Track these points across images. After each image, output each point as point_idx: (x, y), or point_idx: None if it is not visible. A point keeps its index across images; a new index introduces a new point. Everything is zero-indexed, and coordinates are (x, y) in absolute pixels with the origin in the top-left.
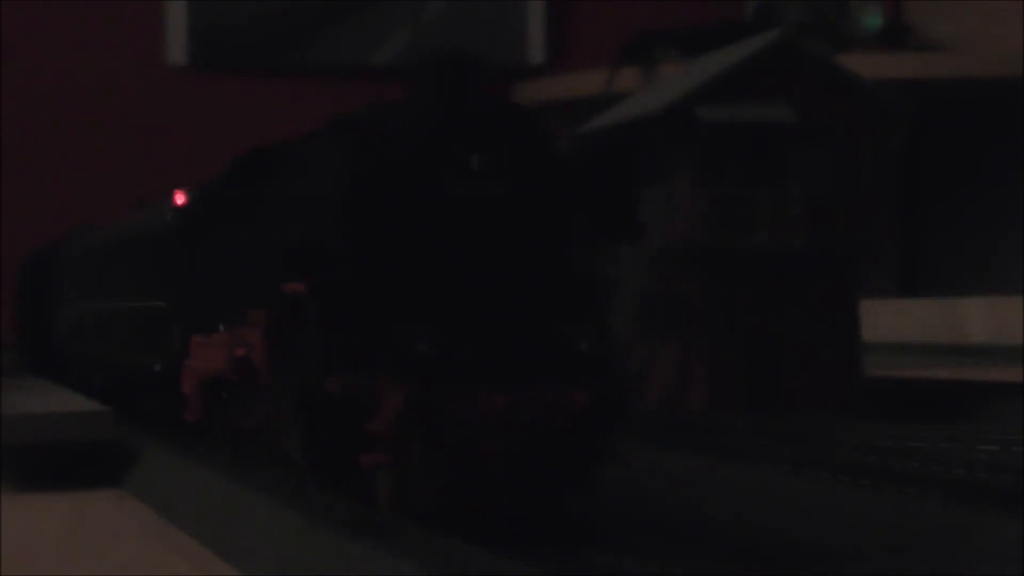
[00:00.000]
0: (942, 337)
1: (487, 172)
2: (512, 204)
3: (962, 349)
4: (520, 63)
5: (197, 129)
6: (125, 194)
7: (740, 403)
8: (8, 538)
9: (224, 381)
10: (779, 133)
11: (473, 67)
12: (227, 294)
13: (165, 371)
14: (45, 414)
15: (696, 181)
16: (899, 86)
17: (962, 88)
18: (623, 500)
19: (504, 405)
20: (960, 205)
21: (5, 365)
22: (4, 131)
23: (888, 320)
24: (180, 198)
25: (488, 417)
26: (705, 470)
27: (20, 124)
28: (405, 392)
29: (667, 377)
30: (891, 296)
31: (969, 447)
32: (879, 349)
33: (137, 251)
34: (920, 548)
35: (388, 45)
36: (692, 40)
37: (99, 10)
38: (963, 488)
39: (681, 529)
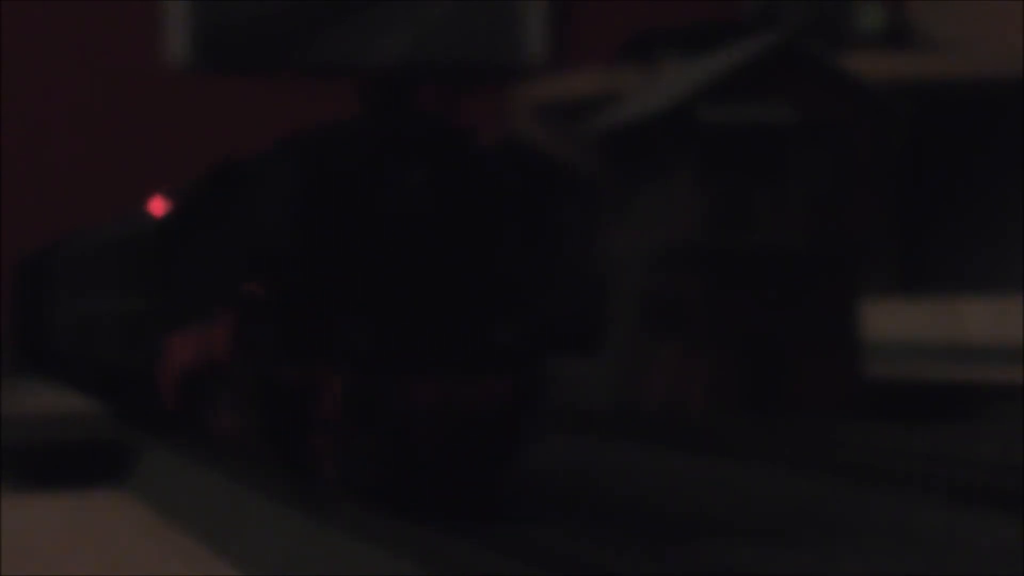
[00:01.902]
0: (942, 337)
1: (422, 184)
2: (444, 214)
3: (962, 349)
4: (520, 63)
5: (197, 129)
6: (125, 194)
7: (740, 403)
8: (8, 538)
9: (197, 375)
10: (779, 133)
11: (414, 85)
12: (200, 295)
13: (154, 371)
14: (45, 414)
15: (696, 181)
16: (899, 86)
17: (962, 88)
18: (622, 499)
19: (433, 394)
20: (960, 204)
21: (5, 365)
22: (4, 131)
23: (888, 320)
24: (158, 204)
25: (419, 404)
26: (705, 470)
27: (20, 124)
28: (344, 381)
29: (667, 377)
30: (891, 296)
31: (969, 447)
32: (879, 349)
33: (124, 254)
34: (920, 548)
35: (388, 45)
36: (692, 40)
37: (99, 10)
38: (963, 488)
39: (679, 528)
